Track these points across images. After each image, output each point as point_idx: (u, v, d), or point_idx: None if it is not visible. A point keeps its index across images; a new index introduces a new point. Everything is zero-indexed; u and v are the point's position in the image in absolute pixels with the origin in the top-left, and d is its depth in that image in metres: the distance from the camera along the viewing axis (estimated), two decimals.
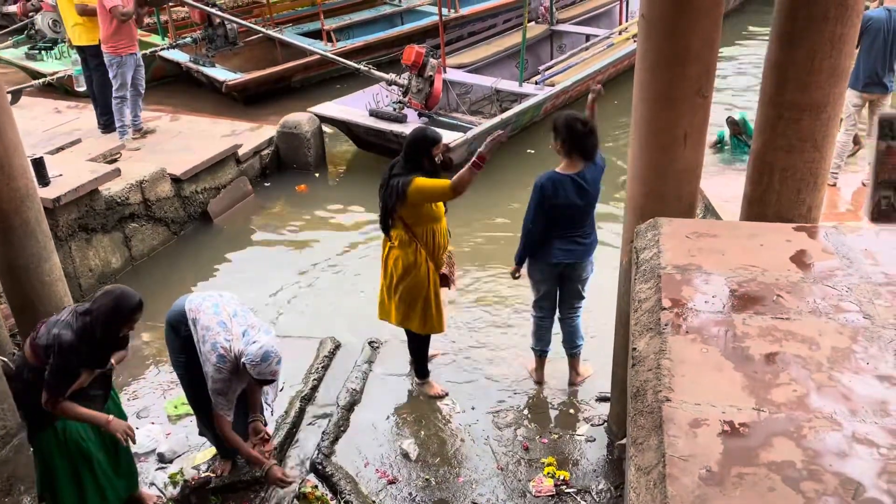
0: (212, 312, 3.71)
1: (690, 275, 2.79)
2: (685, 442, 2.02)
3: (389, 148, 9.27)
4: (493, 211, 7.98)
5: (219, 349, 3.59)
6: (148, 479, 4.18)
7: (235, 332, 3.65)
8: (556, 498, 3.98)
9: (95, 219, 6.62)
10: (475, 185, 4.14)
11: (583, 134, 4.15)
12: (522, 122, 9.76)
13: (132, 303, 3.39)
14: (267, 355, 3.52)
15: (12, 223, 4.42)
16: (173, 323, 3.85)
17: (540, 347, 4.77)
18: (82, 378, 3.41)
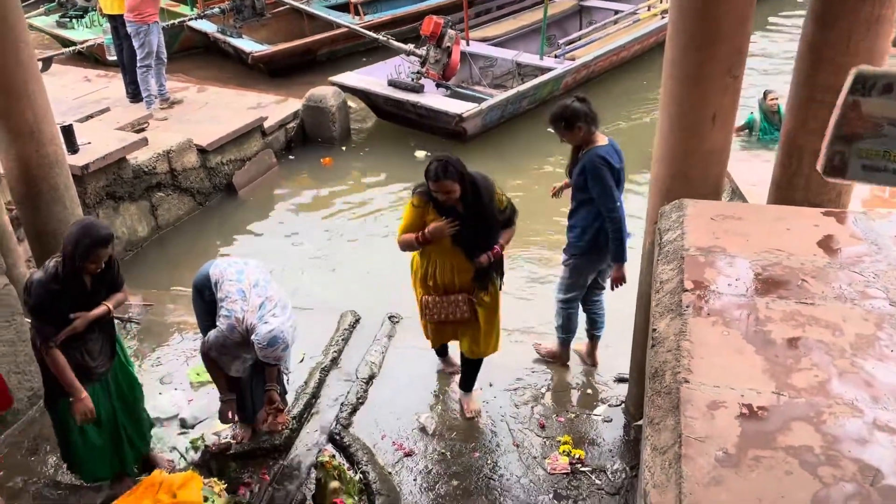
0: (234, 279, 3.74)
1: (714, 257, 2.76)
2: (702, 423, 2.01)
3: (408, 118, 9.29)
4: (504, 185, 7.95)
5: (232, 319, 3.61)
6: (169, 444, 4.26)
7: (252, 304, 3.65)
8: (571, 476, 3.99)
9: (123, 187, 6.70)
10: (495, 157, 4.07)
11: (590, 105, 4.07)
12: (541, 96, 9.70)
13: (99, 233, 3.25)
14: (274, 340, 3.50)
15: (41, 189, 4.49)
16: (199, 287, 3.89)
17: (572, 335, 4.72)
18: (75, 324, 3.35)
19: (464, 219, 3.76)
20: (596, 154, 4.03)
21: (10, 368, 4.20)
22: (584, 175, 4.06)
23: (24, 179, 4.45)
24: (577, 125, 4.01)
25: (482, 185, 3.77)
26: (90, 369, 3.50)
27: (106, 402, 3.62)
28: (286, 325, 3.61)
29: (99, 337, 3.52)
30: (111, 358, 3.63)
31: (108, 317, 3.51)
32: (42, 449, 4.21)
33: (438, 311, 4.01)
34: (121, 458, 3.77)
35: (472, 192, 3.72)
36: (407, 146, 9.15)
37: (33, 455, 4.17)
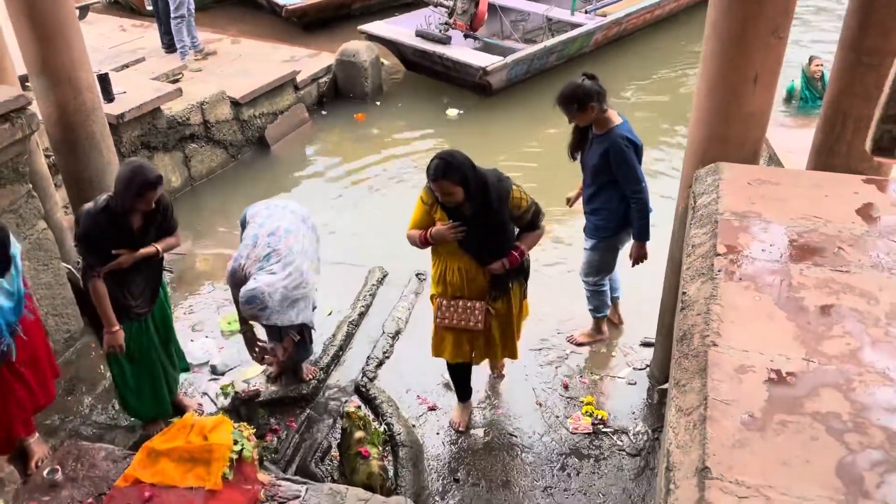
0: (258, 222, 3.78)
1: (749, 222, 2.72)
2: (729, 386, 2.01)
3: (434, 70, 9.23)
4: (523, 142, 7.90)
5: (235, 263, 3.69)
6: (201, 389, 4.38)
7: (257, 254, 3.67)
8: (593, 436, 4.03)
9: (157, 137, 6.76)
10: (521, 112, 3.91)
11: (599, 83, 3.84)
12: (570, 52, 9.55)
13: (148, 175, 3.30)
14: (251, 299, 3.54)
15: (78, 136, 4.55)
16: (241, 222, 3.98)
17: (608, 309, 4.65)
18: (120, 260, 3.41)
19: (470, 222, 3.39)
20: (619, 135, 3.86)
21: (48, 311, 4.32)
22: (607, 157, 3.88)
23: (61, 126, 4.50)
24: (589, 105, 3.78)
25: (492, 187, 3.34)
26: (129, 308, 3.58)
27: (143, 340, 3.71)
28: (277, 285, 3.59)
29: (143, 279, 3.59)
30: (152, 301, 3.71)
31: (155, 258, 3.57)
32: (78, 389, 4.35)
33: (451, 314, 3.65)
34: (159, 398, 3.88)
35: (479, 194, 3.31)
36: (440, 103, 9.07)
37: (69, 395, 4.31)
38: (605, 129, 3.90)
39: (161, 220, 3.57)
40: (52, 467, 3.22)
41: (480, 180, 3.32)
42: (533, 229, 3.58)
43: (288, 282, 3.65)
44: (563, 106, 3.86)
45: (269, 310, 3.60)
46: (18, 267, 3.13)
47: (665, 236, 4.06)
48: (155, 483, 3.06)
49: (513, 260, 3.52)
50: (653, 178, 7.26)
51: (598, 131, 3.94)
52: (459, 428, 4.08)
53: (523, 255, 3.57)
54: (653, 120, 8.80)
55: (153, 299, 3.72)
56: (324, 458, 3.97)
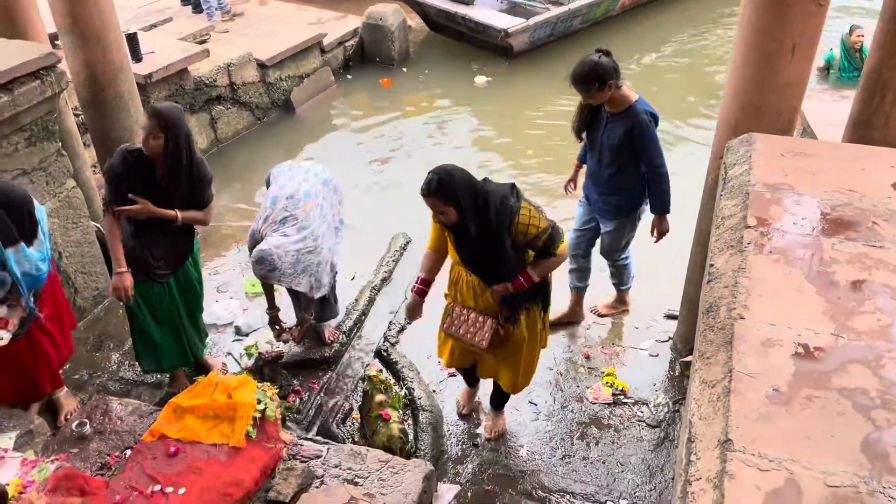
0: (279, 185, 3.79)
1: (781, 194, 2.67)
2: (755, 360, 1.99)
3: (458, 31, 9.14)
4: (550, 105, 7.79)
5: (254, 226, 3.72)
6: (225, 349, 4.44)
7: (274, 217, 3.68)
8: (613, 406, 4.03)
9: (184, 98, 6.78)
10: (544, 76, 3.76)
11: (613, 59, 3.70)
12: (595, 16, 9.39)
13: (154, 107, 3.30)
14: (260, 259, 3.56)
15: (106, 95, 4.57)
16: (267, 182, 3.99)
17: (632, 282, 4.62)
18: (134, 207, 3.39)
19: (475, 242, 3.10)
20: (643, 110, 3.74)
21: (77, 268, 4.39)
22: (632, 135, 3.75)
23: (90, 85, 4.53)
24: (609, 83, 3.63)
25: (493, 209, 3.00)
26: (149, 268, 3.59)
27: (167, 302, 3.75)
28: (288, 247, 3.60)
29: (168, 242, 3.58)
30: (175, 266, 3.70)
31: (174, 223, 3.51)
32: (106, 346, 4.43)
33: (459, 324, 3.38)
34: (180, 354, 3.93)
35: (475, 215, 3.00)
36: (468, 69, 8.98)
37: (98, 351, 4.39)
38: (624, 106, 3.76)
39: (190, 187, 3.48)
40: (80, 420, 3.30)
41: (481, 199, 2.99)
42: (546, 257, 3.17)
43: (300, 246, 3.66)
44: (581, 85, 3.66)
45: (279, 271, 3.61)
46: (45, 231, 3.17)
47: (686, 208, 4.00)
48: (180, 438, 3.12)
49: (517, 285, 3.18)
50: (677, 147, 7.20)
51: (614, 109, 3.79)
52: (463, 412, 4.01)
53: (530, 282, 3.17)
54: (679, 87, 8.65)
55: (177, 265, 3.71)
56: (345, 420, 4.02)
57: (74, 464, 3.07)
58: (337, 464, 3.16)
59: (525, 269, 3.18)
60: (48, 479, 2.81)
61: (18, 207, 3.01)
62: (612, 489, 3.60)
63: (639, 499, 3.55)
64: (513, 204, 3.03)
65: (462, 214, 3.00)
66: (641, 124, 3.73)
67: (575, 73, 3.67)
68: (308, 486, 3.00)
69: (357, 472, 3.12)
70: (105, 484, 2.92)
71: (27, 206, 3.06)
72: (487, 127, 7.87)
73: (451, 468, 3.75)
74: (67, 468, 2.90)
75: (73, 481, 2.82)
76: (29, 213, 3.06)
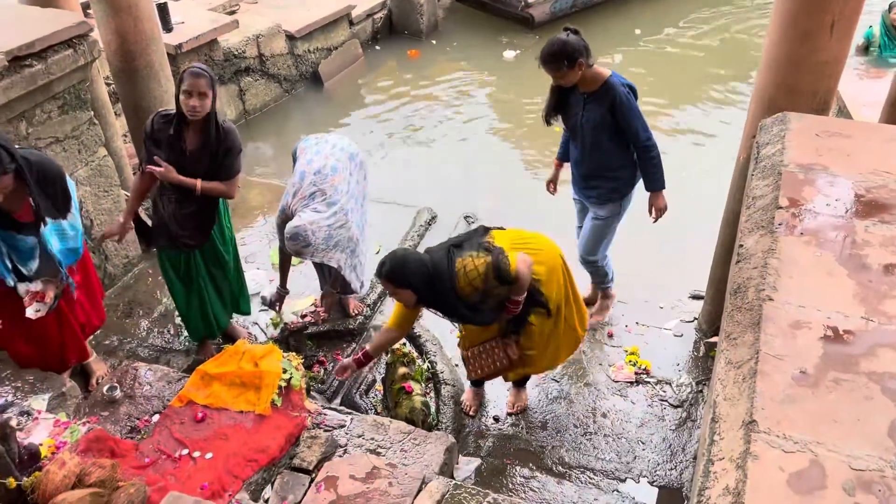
0: (306, 160, 3.80)
1: (814, 175, 2.63)
2: (782, 341, 1.97)
3: (482, 2, 9.08)
4: None
5: (283, 202, 3.75)
6: (251, 319, 4.49)
7: (303, 192, 3.70)
8: (635, 385, 4.03)
9: (214, 69, 6.79)
10: None
11: (583, 38, 3.54)
12: None
13: (195, 67, 3.27)
14: (295, 236, 3.60)
15: (137, 65, 4.60)
16: (294, 155, 4.01)
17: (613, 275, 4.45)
18: (158, 170, 3.38)
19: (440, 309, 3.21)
20: (619, 84, 3.58)
21: None
22: (613, 112, 3.59)
23: (121, 54, 4.56)
24: (579, 61, 3.47)
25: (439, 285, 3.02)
26: (174, 236, 3.60)
27: (192, 271, 3.79)
28: (321, 223, 3.63)
29: (191, 211, 3.59)
30: (202, 236, 3.71)
31: (195, 193, 3.49)
32: (135, 313, 4.51)
33: (479, 364, 3.48)
34: (206, 322, 3.99)
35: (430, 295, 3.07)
36: (496, 42, 8.89)
37: (128, 317, 4.48)
38: (599, 83, 3.59)
39: (219, 157, 3.46)
40: (111, 385, 3.37)
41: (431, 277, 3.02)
42: (535, 305, 3.22)
43: (332, 221, 3.69)
44: (551, 65, 3.51)
45: (313, 247, 3.66)
46: (76, 204, 3.21)
47: (713, 188, 3.94)
48: (207, 405, 3.19)
49: (510, 313, 3.22)
50: (704, 124, 7.08)
51: (588, 89, 3.62)
52: (470, 412, 3.92)
53: (517, 303, 3.16)
54: (709, 60, 8.50)
55: (204, 236, 3.71)
56: (368, 392, 4.07)
57: (105, 426, 3.15)
58: (360, 433, 3.21)
59: (507, 296, 3.14)
60: (80, 441, 2.88)
61: (53, 182, 3.04)
62: (633, 467, 3.61)
63: (659, 477, 3.56)
64: (450, 273, 3.01)
65: (419, 294, 3.06)
66: (621, 98, 3.56)
67: (544, 53, 3.50)
68: (331, 454, 3.05)
69: (379, 443, 3.17)
70: (134, 446, 3.00)
71: (61, 181, 3.10)
72: (515, 101, 7.80)
73: (471, 442, 3.78)
74: (98, 430, 2.98)
75: (103, 443, 2.90)
76: (63, 188, 3.10)
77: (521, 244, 3.23)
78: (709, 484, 1.74)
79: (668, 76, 8.15)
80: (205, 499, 2.51)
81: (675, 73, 8.28)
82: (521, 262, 3.03)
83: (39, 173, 2.98)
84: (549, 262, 3.28)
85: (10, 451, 2.39)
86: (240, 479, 2.88)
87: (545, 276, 3.24)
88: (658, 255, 5.02)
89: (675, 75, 8.24)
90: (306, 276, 4.72)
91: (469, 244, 3.12)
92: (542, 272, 3.23)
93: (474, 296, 3.05)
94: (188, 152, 3.44)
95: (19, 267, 3.09)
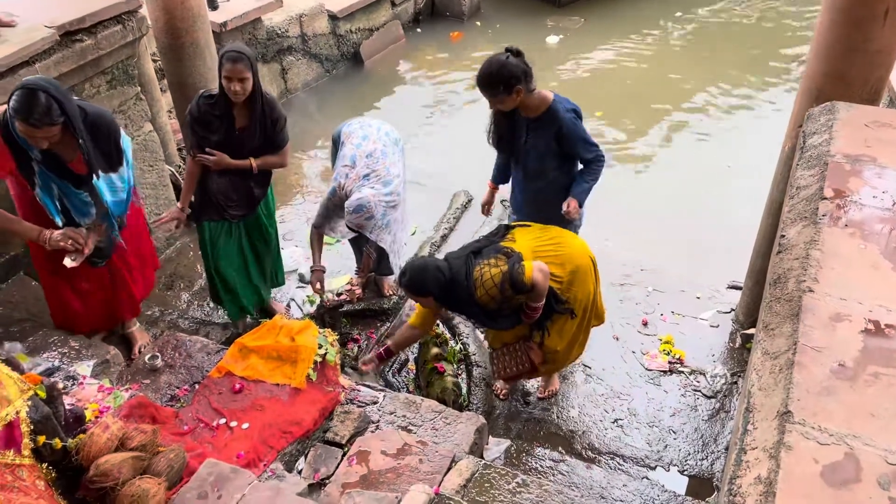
0: (354, 144, 3.84)
1: (861, 166, 2.57)
2: (822, 333, 1.95)
3: None
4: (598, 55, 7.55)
5: (335, 182, 3.79)
6: (288, 295, 4.57)
7: (357, 173, 3.75)
8: (668, 374, 4.00)
9: (257, 47, 6.86)
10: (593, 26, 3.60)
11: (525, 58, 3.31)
12: None
13: (231, 50, 3.27)
14: (359, 208, 3.65)
15: (184, 42, 4.67)
16: (335, 139, 4.05)
17: None
18: (212, 160, 3.48)
19: (462, 313, 3.43)
20: (564, 109, 3.37)
21: (151, 210, 4.56)
22: (560, 139, 3.40)
23: (168, 30, 4.63)
24: (517, 87, 3.22)
25: (458, 292, 3.11)
26: (223, 208, 3.70)
27: (237, 243, 3.87)
28: (381, 198, 3.70)
29: (241, 185, 3.67)
30: (250, 208, 3.79)
31: (251, 172, 3.60)
32: (177, 285, 4.62)
33: (504, 364, 3.50)
34: (239, 297, 4.06)
35: (448, 301, 3.18)
36: (541, 25, 8.80)
37: (169, 290, 4.59)
38: (543, 109, 3.38)
39: (268, 130, 3.54)
40: (153, 354, 3.47)
41: (450, 285, 3.10)
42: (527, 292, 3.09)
43: (388, 199, 3.77)
44: (485, 89, 3.28)
45: (374, 220, 3.73)
46: (129, 161, 3.27)
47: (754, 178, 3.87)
48: (245, 377, 3.26)
49: (528, 318, 3.22)
50: (743, 112, 6.94)
51: (531, 114, 3.41)
52: (500, 395, 3.93)
53: (535, 309, 3.15)
54: (752, 41, 8.32)
55: (252, 207, 3.80)
56: (400, 370, 4.11)
57: (146, 394, 3.24)
58: (392, 411, 3.25)
59: (525, 303, 3.15)
60: (122, 406, 2.98)
61: (107, 135, 3.09)
62: (663, 456, 3.60)
63: (689, 467, 3.55)
64: (468, 283, 3.07)
65: (439, 300, 3.17)
66: (567, 126, 3.36)
67: (479, 75, 3.28)
68: (364, 429, 3.10)
69: (411, 420, 3.21)
70: (174, 414, 3.09)
71: (115, 134, 3.15)
72: (556, 89, 7.73)
73: (501, 424, 3.81)
74: (140, 397, 3.06)
75: (145, 409, 2.98)
76: (116, 142, 3.15)
77: (543, 245, 3.22)
78: (740, 473, 1.73)
79: (710, 55, 8.02)
80: (241, 467, 2.58)
81: (716, 49, 8.15)
82: (536, 270, 3.03)
83: (93, 126, 3.02)
84: (574, 262, 3.25)
85: (57, 413, 2.48)
86: (275, 449, 2.95)
87: (567, 278, 3.23)
88: (696, 245, 4.96)
89: (718, 49, 8.11)
90: (342, 255, 4.77)
91: (488, 250, 3.15)
92: (564, 275, 3.22)
93: (492, 304, 3.10)
94: (239, 130, 3.50)
95: (75, 218, 3.17)
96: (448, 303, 3.20)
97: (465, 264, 3.11)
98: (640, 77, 7.69)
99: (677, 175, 5.96)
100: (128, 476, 2.30)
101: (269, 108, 3.49)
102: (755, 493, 1.63)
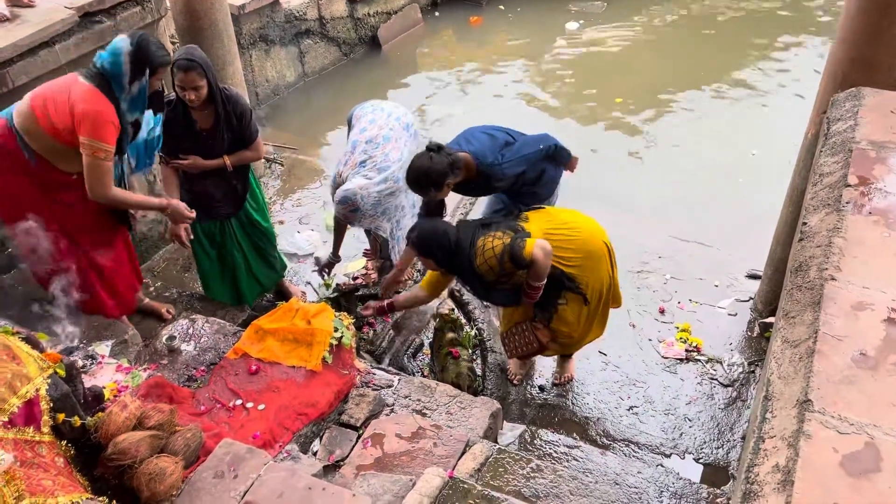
0: (359, 129, 3.82)
1: (887, 153, 2.52)
2: (843, 322, 1.92)
3: None
4: (616, 33, 7.45)
5: (336, 169, 3.80)
6: (305, 278, 4.58)
7: (354, 160, 3.73)
8: (685, 362, 3.98)
9: (275, 31, 6.85)
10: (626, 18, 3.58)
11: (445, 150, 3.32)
12: None
13: (180, 57, 3.17)
14: (344, 199, 3.63)
15: (202, 24, 4.67)
16: (349, 121, 4.04)
17: None
18: (186, 164, 3.45)
19: (464, 282, 3.49)
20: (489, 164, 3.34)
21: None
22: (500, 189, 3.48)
23: (186, 12, 4.63)
24: (446, 182, 3.28)
25: (460, 259, 3.18)
26: (211, 207, 3.67)
27: (227, 240, 3.86)
28: (371, 189, 3.64)
29: (222, 184, 3.62)
30: (236, 205, 3.75)
31: (227, 171, 3.53)
32: (194, 267, 4.63)
33: (513, 344, 3.53)
34: (238, 290, 4.08)
35: (450, 265, 3.25)
36: (564, 11, 8.70)
37: (186, 272, 4.61)
38: (473, 175, 3.39)
39: (235, 127, 3.44)
40: (170, 334, 3.49)
41: (453, 251, 3.17)
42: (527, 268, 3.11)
43: (382, 188, 3.71)
44: (418, 192, 3.39)
45: (361, 212, 3.69)
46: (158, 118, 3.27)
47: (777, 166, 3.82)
48: (261, 358, 3.27)
49: (530, 298, 3.23)
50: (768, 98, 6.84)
51: (470, 177, 3.41)
52: (515, 381, 3.94)
53: (536, 289, 3.17)
54: (780, 25, 8.19)
55: (238, 203, 3.74)
56: (416, 355, 4.12)
57: (164, 374, 3.27)
58: (407, 394, 3.26)
59: (525, 281, 3.17)
60: (140, 385, 3.00)
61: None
62: (678, 444, 3.59)
63: (705, 455, 3.53)
64: (470, 251, 3.14)
65: (440, 265, 3.27)
66: (498, 176, 3.37)
67: (408, 180, 3.34)
68: (378, 412, 3.12)
69: (426, 404, 3.22)
70: (191, 394, 3.11)
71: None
72: (574, 74, 7.66)
73: (515, 409, 3.81)
74: (158, 377, 3.09)
75: (162, 389, 3.01)
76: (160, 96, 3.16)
77: (555, 228, 3.21)
78: (758, 461, 1.72)
79: (734, 41, 7.91)
80: (257, 447, 2.59)
81: (741, 35, 8.04)
82: (537, 247, 3.02)
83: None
84: (587, 247, 3.23)
85: (76, 391, 2.50)
86: (290, 430, 2.96)
87: (579, 262, 3.21)
88: (715, 233, 4.92)
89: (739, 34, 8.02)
90: (359, 239, 4.78)
91: (497, 224, 3.19)
92: (576, 259, 3.20)
93: (490, 275, 3.15)
94: (203, 132, 3.43)
95: None
96: (450, 268, 3.30)
97: (471, 233, 3.19)
98: (661, 63, 7.60)
99: (697, 162, 5.90)
100: (145, 454, 2.32)
101: (231, 105, 3.40)
102: (773, 482, 1.61)
